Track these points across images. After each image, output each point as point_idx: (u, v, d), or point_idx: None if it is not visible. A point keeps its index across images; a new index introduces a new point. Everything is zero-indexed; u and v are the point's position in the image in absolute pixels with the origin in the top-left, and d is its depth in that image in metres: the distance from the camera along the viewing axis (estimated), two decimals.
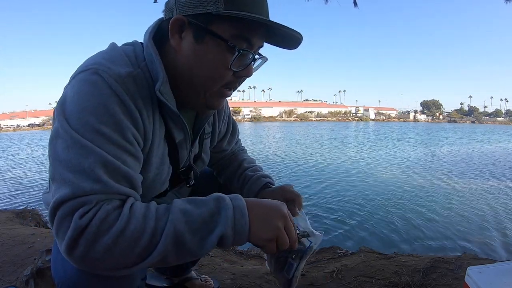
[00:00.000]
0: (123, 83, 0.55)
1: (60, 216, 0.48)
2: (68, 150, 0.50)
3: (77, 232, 0.47)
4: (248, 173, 0.91)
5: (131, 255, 0.48)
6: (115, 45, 0.64)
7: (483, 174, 8.62)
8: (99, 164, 0.50)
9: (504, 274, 0.71)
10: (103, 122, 0.52)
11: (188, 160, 0.79)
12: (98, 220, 0.47)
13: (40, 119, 75.32)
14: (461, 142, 21.23)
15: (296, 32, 0.60)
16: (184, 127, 0.69)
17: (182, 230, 0.50)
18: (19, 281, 1.23)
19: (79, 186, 0.49)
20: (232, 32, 0.57)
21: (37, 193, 6.41)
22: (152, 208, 0.52)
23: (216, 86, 0.63)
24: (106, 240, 0.47)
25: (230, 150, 0.99)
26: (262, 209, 0.57)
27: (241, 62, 0.61)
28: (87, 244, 0.47)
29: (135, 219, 0.49)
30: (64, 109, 0.53)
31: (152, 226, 0.49)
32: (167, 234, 0.49)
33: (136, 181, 0.56)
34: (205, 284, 1.20)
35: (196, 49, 0.59)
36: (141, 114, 0.58)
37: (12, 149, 18.89)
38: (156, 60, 0.60)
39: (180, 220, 0.51)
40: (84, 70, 0.55)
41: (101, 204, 0.50)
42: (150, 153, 0.63)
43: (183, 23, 0.58)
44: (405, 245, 3.67)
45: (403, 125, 62.37)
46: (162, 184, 0.72)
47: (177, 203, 0.53)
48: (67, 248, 0.47)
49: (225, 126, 0.93)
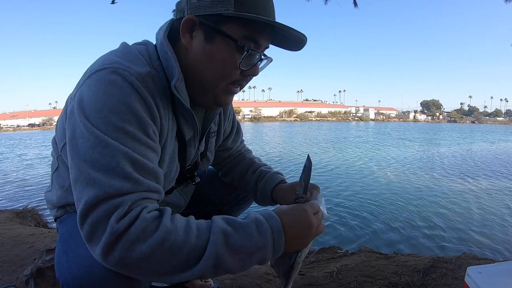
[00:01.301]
0: (144, 81, 0.56)
1: (95, 220, 0.47)
2: (93, 150, 0.50)
3: (114, 237, 0.46)
4: (264, 169, 0.94)
5: (167, 266, 0.48)
6: (127, 44, 0.65)
7: (493, 174, 8.57)
8: (127, 161, 0.51)
9: (504, 274, 0.71)
10: (126, 120, 0.53)
11: (195, 158, 0.81)
12: (137, 228, 0.47)
13: (40, 119, 75.35)
14: (466, 142, 21.13)
15: (301, 34, 0.62)
16: (195, 125, 0.71)
17: (223, 252, 0.50)
18: (19, 281, 1.23)
19: (110, 184, 0.48)
20: (241, 33, 0.59)
21: (37, 193, 6.41)
22: (193, 223, 0.52)
23: (224, 83, 0.65)
24: (145, 249, 0.47)
25: (235, 150, 1.01)
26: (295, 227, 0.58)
27: (249, 61, 0.63)
28: (123, 251, 0.46)
29: (175, 232, 0.49)
30: (83, 108, 0.53)
31: (193, 242, 0.49)
32: (209, 255, 0.49)
33: (161, 176, 0.58)
34: (205, 284, 1.20)
35: (206, 48, 0.61)
36: (160, 112, 0.60)
37: (19, 149, 18.82)
38: (171, 58, 0.61)
39: (221, 242, 0.51)
40: (101, 69, 0.55)
41: (138, 208, 0.49)
42: (163, 150, 0.64)
43: (194, 23, 0.60)
44: (405, 245, 3.67)
45: (404, 125, 62.35)
46: (171, 182, 0.73)
47: (218, 224, 0.53)
48: (102, 252, 0.47)
49: (230, 126, 0.95)
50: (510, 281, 0.69)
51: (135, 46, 0.65)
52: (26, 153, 16.06)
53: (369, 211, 4.98)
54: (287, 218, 0.58)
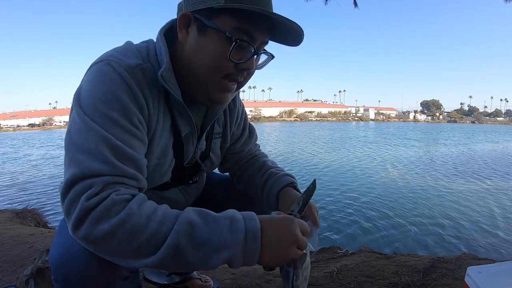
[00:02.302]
0: (132, 73, 0.60)
1: (72, 197, 0.51)
2: (80, 134, 0.54)
3: (82, 213, 0.49)
4: (274, 171, 0.89)
5: (128, 249, 0.49)
6: (129, 42, 0.69)
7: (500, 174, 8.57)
8: (106, 146, 0.54)
9: (504, 274, 0.71)
10: (111, 107, 0.56)
11: (195, 156, 0.80)
12: (103, 207, 0.49)
13: (40, 119, 75.45)
14: (472, 142, 21.09)
15: (295, 24, 0.60)
16: (191, 120, 0.72)
17: (185, 243, 0.50)
18: (19, 281, 1.23)
19: (87, 166, 0.52)
20: (233, 24, 0.59)
21: (37, 193, 6.41)
22: (160, 211, 0.52)
23: (216, 76, 0.64)
24: (107, 227, 0.49)
25: (247, 153, 0.96)
26: (275, 234, 0.54)
27: (241, 54, 0.62)
28: (89, 227, 0.49)
29: (138, 216, 0.50)
30: (79, 97, 0.58)
31: (154, 228, 0.50)
32: (169, 244, 0.49)
33: (141, 163, 0.59)
34: (205, 284, 1.20)
35: (199, 41, 0.62)
36: (147, 103, 0.62)
37: (24, 149, 18.79)
38: (163, 49, 0.64)
39: (185, 232, 0.50)
40: (98, 62, 0.61)
41: (109, 190, 0.51)
42: (152, 141, 0.66)
43: (189, 19, 0.62)
44: (405, 245, 3.67)
45: (405, 125, 62.29)
46: (163, 176, 0.73)
47: (187, 214, 0.52)
48: (72, 227, 0.50)
49: (240, 129, 0.93)
50: (510, 281, 0.69)
51: (138, 43, 0.69)
52: (31, 153, 16.05)
53: (370, 211, 4.98)
54: (268, 223, 0.54)
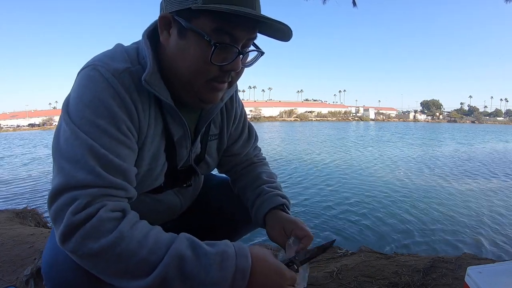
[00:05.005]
0: (119, 77, 0.58)
1: (57, 208, 0.50)
2: (67, 142, 0.53)
3: (69, 229, 0.48)
4: (265, 188, 0.84)
5: (115, 270, 0.49)
6: (119, 44, 0.66)
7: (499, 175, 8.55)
8: (92, 156, 0.52)
9: (504, 274, 0.71)
10: (98, 114, 0.55)
11: (189, 160, 0.77)
12: (90, 226, 0.48)
13: (40, 119, 75.33)
14: (470, 143, 21.06)
15: (279, 22, 0.57)
16: (183, 123, 0.69)
17: (173, 276, 0.49)
18: (19, 281, 1.23)
19: (73, 176, 0.51)
20: (212, 26, 0.56)
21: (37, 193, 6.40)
22: (151, 237, 0.51)
23: (201, 80, 0.61)
24: (96, 247, 0.48)
25: (245, 156, 0.93)
26: (264, 278, 0.54)
27: (223, 56, 0.59)
28: (76, 244, 0.48)
29: (129, 239, 0.49)
30: (67, 103, 0.57)
31: (144, 255, 0.49)
32: (156, 275, 0.49)
33: (130, 173, 0.57)
34: None
35: (180, 44, 0.59)
36: (137, 108, 0.60)
37: (28, 148, 18.74)
38: (146, 52, 0.62)
39: (174, 266, 0.49)
40: (86, 67, 0.59)
41: (96, 204, 0.50)
42: (143, 146, 0.64)
43: (169, 20, 0.60)
44: (405, 245, 3.67)
45: (405, 125, 62.22)
46: (155, 180, 0.71)
47: (179, 245, 0.51)
48: (60, 240, 0.49)
49: (238, 130, 0.90)
50: (510, 281, 0.69)
51: (128, 45, 0.66)
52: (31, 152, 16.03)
53: (370, 211, 4.98)
54: (261, 264, 0.55)
